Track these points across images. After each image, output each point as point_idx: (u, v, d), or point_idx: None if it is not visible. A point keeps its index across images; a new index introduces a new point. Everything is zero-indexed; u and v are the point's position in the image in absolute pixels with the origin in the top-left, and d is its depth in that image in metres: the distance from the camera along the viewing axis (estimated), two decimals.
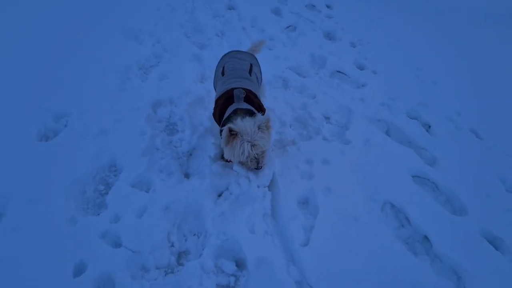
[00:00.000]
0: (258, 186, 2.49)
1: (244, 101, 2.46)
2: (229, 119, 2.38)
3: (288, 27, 4.88)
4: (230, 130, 2.26)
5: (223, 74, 2.71)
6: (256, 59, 2.93)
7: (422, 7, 5.93)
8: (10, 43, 3.67)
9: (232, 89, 2.45)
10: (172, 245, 2.13)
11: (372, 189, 2.55)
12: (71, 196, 2.30)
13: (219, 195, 2.47)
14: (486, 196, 2.62)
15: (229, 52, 2.91)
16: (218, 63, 2.91)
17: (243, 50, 2.97)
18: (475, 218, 2.43)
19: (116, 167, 2.57)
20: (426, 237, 2.30)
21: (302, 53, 4.22)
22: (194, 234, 2.21)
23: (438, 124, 3.32)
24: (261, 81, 2.92)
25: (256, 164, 2.47)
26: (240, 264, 2.09)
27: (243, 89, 2.47)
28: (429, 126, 3.30)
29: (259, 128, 2.29)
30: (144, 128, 2.86)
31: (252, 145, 2.28)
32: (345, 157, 2.80)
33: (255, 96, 2.54)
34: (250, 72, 2.71)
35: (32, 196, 2.22)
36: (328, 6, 5.67)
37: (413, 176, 2.76)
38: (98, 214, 2.21)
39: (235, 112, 2.42)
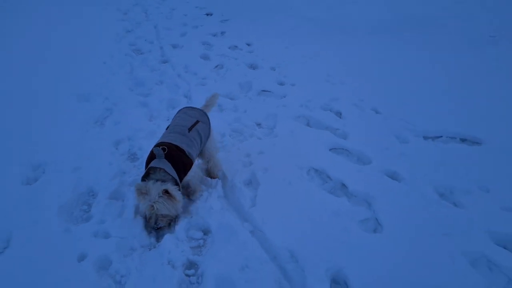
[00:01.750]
0: (211, 177, 3.14)
1: (165, 157, 2.63)
2: (146, 176, 2.63)
3: (216, 66, 5.69)
4: (138, 189, 2.52)
5: (167, 128, 3.00)
6: (207, 116, 3.10)
7: (328, 28, 6.95)
8: None
9: (157, 145, 2.70)
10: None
11: (298, 162, 3.26)
12: (61, 217, 2.85)
13: None
14: (386, 149, 3.41)
15: (183, 108, 3.16)
16: (176, 115, 3.15)
17: (196, 107, 3.17)
18: (378, 164, 3.20)
19: (93, 191, 3.14)
20: (343, 184, 3.02)
21: (231, 83, 5.00)
22: None
23: (347, 111, 4.14)
24: (209, 136, 3.07)
25: (153, 223, 2.62)
26: (206, 232, 2.70)
27: (169, 145, 2.68)
28: (341, 113, 4.10)
29: (164, 193, 2.49)
30: (110, 160, 3.46)
31: (151, 207, 2.50)
32: (275, 146, 3.52)
33: (179, 152, 2.70)
34: (191, 128, 2.88)
35: (31, 220, 2.76)
36: (248, 44, 6.57)
37: (330, 149, 3.51)
38: (87, 221, 2.78)
39: (148, 171, 2.64)
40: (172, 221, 2.73)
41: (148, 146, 3.38)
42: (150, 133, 3.87)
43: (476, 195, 2.78)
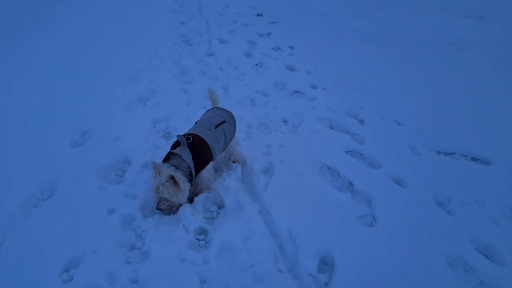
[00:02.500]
0: (234, 162, 3.50)
1: (189, 146, 2.81)
2: (166, 160, 2.82)
3: (256, 64, 6.04)
4: (154, 165, 2.73)
5: (196, 123, 3.22)
6: (233, 118, 3.27)
7: (368, 39, 7.17)
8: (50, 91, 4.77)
9: (180, 136, 2.86)
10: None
11: (314, 159, 3.56)
12: (99, 176, 3.29)
13: None
14: (397, 157, 3.64)
15: (212, 108, 3.36)
16: (205, 112, 3.35)
17: (225, 109, 3.34)
18: (386, 169, 3.44)
19: (128, 160, 3.56)
20: (351, 183, 3.29)
21: (267, 81, 5.33)
22: None
23: (369, 119, 4.37)
24: (232, 136, 3.25)
25: (156, 204, 2.80)
26: (220, 206, 3.06)
27: (194, 136, 2.89)
28: (363, 121, 4.35)
29: (170, 178, 2.66)
30: (147, 135, 3.88)
31: (157, 188, 2.68)
32: (295, 142, 3.83)
33: (203, 144, 2.88)
34: (218, 126, 3.06)
35: (73, 176, 3.21)
36: (290, 47, 6.89)
37: (346, 151, 3.77)
38: (119, 184, 3.20)
39: (169, 155, 2.84)
40: (173, 208, 2.89)
41: (182, 128, 3.78)
42: (186, 117, 4.26)
43: (471, 207, 2.99)
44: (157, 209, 2.83)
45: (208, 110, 3.36)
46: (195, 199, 3.04)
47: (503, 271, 2.43)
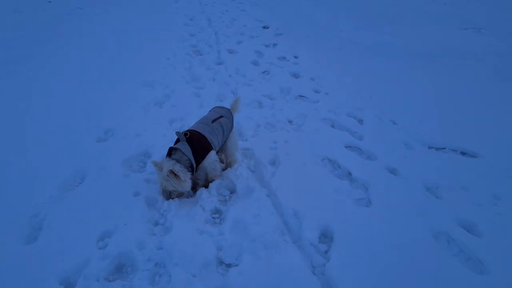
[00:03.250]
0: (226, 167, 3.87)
1: (187, 140, 3.09)
2: (169, 155, 3.11)
3: (263, 72, 6.47)
4: (156, 164, 3.01)
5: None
6: (231, 114, 3.57)
7: (370, 52, 7.60)
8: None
9: (178, 132, 3.15)
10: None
11: (316, 152, 3.94)
12: (123, 166, 3.68)
13: None
14: (392, 151, 4.01)
15: (214, 107, 3.71)
16: (209, 111, 3.68)
17: (225, 107, 3.69)
18: (382, 161, 3.81)
19: (148, 153, 3.95)
20: (349, 173, 3.66)
21: (273, 87, 5.74)
22: None
23: (368, 119, 4.76)
24: (231, 130, 3.55)
25: (167, 196, 3.19)
26: (232, 191, 3.44)
27: (192, 131, 3.18)
28: (362, 121, 4.73)
29: (170, 173, 2.93)
30: (165, 133, 4.28)
31: (161, 183, 3.00)
32: (299, 138, 4.21)
33: (201, 137, 3.17)
34: (214, 120, 3.35)
35: (100, 166, 3.61)
36: (295, 57, 7.32)
37: (345, 146, 4.15)
38: (141, 172, 3.60)
39: (170, 151, 3.12)
40: (184, 194, 3.24)
41: None
42: (199, 117, 4.56)
43: (456, 192, 3.35)
44: (170, 198, 3.19)
45: (212, 109, 3.70)
46: (210, 185, 3.41)
47: (480, 241, 2.79)
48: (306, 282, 2.46)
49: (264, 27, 9.59)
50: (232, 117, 3.63)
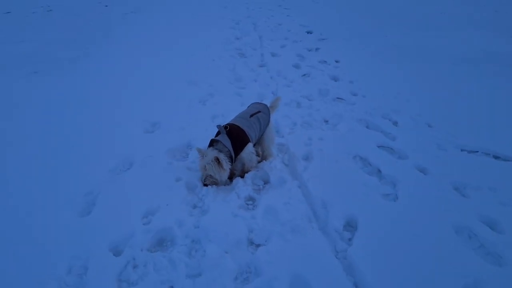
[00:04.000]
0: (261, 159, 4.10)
1: (227, 133, 3.39)
2: (210, 146, 3.42)
3: (304, 74, 6.68)
4: (199, 151, 3.36)
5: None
6: (268, 110, 3.84)
7: (411, 55, 7.64)
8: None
9: (219, 126, 3.46)
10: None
11: (348, 150, 4.11)
12: (168, 155, 4.02)
13: None
14: (424, 152, 4.11)
15: (254, 103, 3.98)
16: (248, 106, 3.97)
17: (263, 103, 3.98)
18: (413, 160, 3.93)
19: (190, 145, 4.26)
20: (379, 170, 3.80)
21: (312, 88, 5.95)
22: None
23: (403, 121, 4.86)
24: (268, 125, 3.81)
25: (202, 179, 3.48)
26: (266, 182, 3.68)
27: (231, 125, 3.47)
28: (397, 122, 4.84)
29: (215, 159, 3.25)
30: (206, 127, 4.57)
31: (204, 167, 3.30)
32: (334, 137, 4.39)
33: (240, 131, 3.45)
34: (252, 115, 3.63)
35: (147, 154, 3.96)
36: (336, 61, 7.48)
37: (378, 146, 4.29)
38: (184, 161, 3.91)
39: (212, 142, 3.43)
40: (216, 184, 3.48)
41: None
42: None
43: (483, 192, 3.42)
44: (204, 184, 3.46)
45: (251, 104, 3.96)
46: (246, 175, 3.67)
47: (501, 237, 2.87)
48: (328, 264, 2.66)
49: (308, 32, 9.81)
50: (269, 113, 3.87)
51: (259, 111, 3.71)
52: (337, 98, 5.67)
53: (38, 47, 8.13)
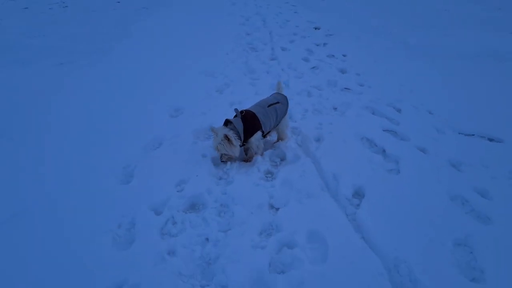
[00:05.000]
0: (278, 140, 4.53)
1: (242, 117, 3.71)
2: (224, 124, 3.73)
3: (313, 67, 7.10)
4: (212, 129, 3.66)
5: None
6: (286, 101, 4.18)
7: (417, 52, 8.04)
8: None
9: (236, 109, 3.78)
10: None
11: (356, 132, 4.53)
12: (193, 136, 4.46)
13: None
14: (424, 135, 4.53)
15: (274, 93, 4.30)
16: (270, 95, 4.27)
17: (283, 94, 4.27)
18: (414, 141, 4.34)
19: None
20: (384, 150, 4.22)
21: (321, 80, 6.37)
22: None
23: (406, 109, 5.28)
24: (284, 116, 4.15)
25: (220, 157, 3.79)
26: (282, 158, 4.12)
27: (248, 111, 3.79)
28: (400, 110, 5.26)
29: (225, 137, 3.55)
30: (226, 112, 4.98)
31: (216, 145, 3.61)
32: (342, 121, 4.82)
33: (254, 118, 3.76)
34: (270, 105, 3.92)
35: (174, 134, 4.41)
36: (343, 55, 7.89)
37: (383, 130, 4.71)
38: (208, 140, 4.36)
39: (226, 122, 3.73)
40: (232, 158, 3.85)
41: None
42: (255, 101, 5.34)
43: (477, 168, 3.84)
44: (222, 161, 3.83)
45: (272, 94, 4.29)
46: (264, 153, 4.11)
47: (490, 202, 3.30)
48: (340, 223, 3.09)
49: (315, 28, 10.21)
50: (288, 103, 4.26)
51: (278, 102, 4.02)
52: (345, 88, 6.09)
53: (60, 41, 8.59)
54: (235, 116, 3.81)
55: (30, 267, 2.63)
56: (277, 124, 4.12)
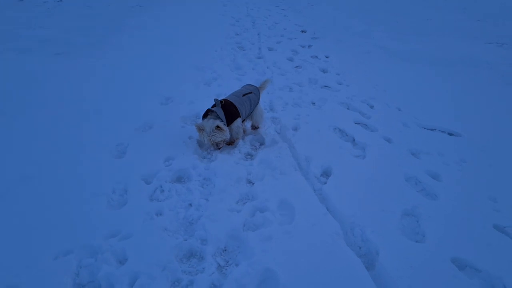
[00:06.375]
0: (254, 128, 4.99)
1: (222, 106, 3.97)
2: (205, 116, 3.98)
3: (296, 66, 7.58)
4: (198, 127, 3.85)
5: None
6: (258, 92, 4.48)
7: (394, 56, 8.58)
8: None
9: (216, 99, 4.01)
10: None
11: (330, 123, 4.99)
12: (181, 121, 4.88)
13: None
14: (391, 127, 5.00)
15: (246, 84, 4.61)
16: (242, 87, 4.58)
17: (253, 85, 4.56)
18: (381, 132, 4.81)
19: (199, 116, 5.07)
20: (354, 139, 4.69)
21: (303, 78, 6.84)
22: None
23: (378, 105, 5.77)
24: (257, 105, 4.45)
25: (216, 146, 4.07)
26: (261, 143, 4.55)
27: (226, 100, 4.07)
28: (373, 106, 5.75)
29: (216, 128, 3.79)
30: (212, 102, 5.46)
31: (209, 138, 3.86)
32: (318, 114, 5.27)
33: (232, 106, 4.05)
34: (244, 95, 4.22)
35: (164, 119, 4.83)
36: (326, 57, 8.39)
37: (355, 122, 5.19)
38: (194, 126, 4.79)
39: (207, 112, 4.00)
40: (225, 141, 4.14)
41: None
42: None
43: (433, 156, 4.31)
44: (218, 148, 4.15)
45: (244, 85, 4.61)
46: (245, 137, 4.54)
47: (440, 183, 3.78)
48: (307, 195, 3.52)
49: (302, 31, 10.72)
50: (259, 94, 4.52)
51: (250, 92, 4.33)
52: (324, 86, 6.57)
53: (57, 33, 8.95)
54: (214, 105, 4.09)
55: (34, 222, 3.03)
56: (251, 112, 4.43)
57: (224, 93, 5.73)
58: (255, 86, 4.59)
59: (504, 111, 5.70)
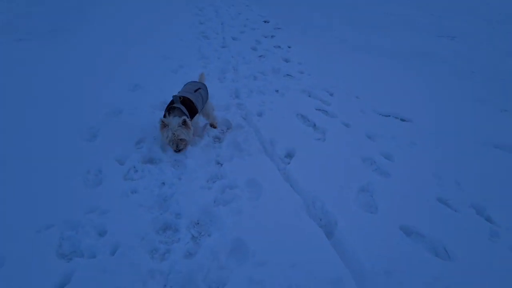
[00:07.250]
0: (212, 126, 5.24)
1: (181, 102, 3.88)
2: (168, 114, 3.84)
3: (260, 56, 7.83)
4: (163, 122, 3.73)
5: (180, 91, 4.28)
6: (205, 87, 4.46)
7: (354, 48, 8.99)
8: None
9: (175, 96, 3.92)
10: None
11: (292, 109, 5.29)
12: (151, 108, 5.04)
13: None
14: (349, 113, 5.36)
15: (191, 81, 4.57)
16: (184, 85, 4.49)
17: (198, 81, 4.60)
18: (340, 118, 5.16)
19: (167, 102, 5.31)
20: (315, 124, 5.00)
21: (267, 67, 7.09)
22: None
23: (338, 94, 6.11)
24: (207, 99, 4.44)
25: (175, 147, 3.88)
26: (228, 127, 4.78)
27: (183, 96, 3.97)
28: (333, 94, 6.10)
29: (182, 123, 3.71)
30: (179, 89, 5.64)
31: (173, 134, 3.71)
32: (282, 101, 5.56)
33: (190, 101, 3.99)
34: (196, 90, 4.18)
35: (133, 106, 4.98)
36: (289, 47, 8.67)
37: (316, 109, 5.52)
38: (162, 111, 4.97)
39: (170, 108, 3.89)
40: (187, 145, 4.03)
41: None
42: (206, 81, 6.03)
43: (386, 138, 4.70)
44: (178, 150, 3.95)
45: (188, 83, 4.57)
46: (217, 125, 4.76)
47: (392, 163, 4.16)
48: (272, 174, 3.82)
49: (265, 22, 10.95)
50: (207, 88, 4.53)
51: (199, 88, 4.32)
52: (287, 75, 6.86)
53: (16, 18, 8.78)
54: (172, 102, 4.03)
55: (13, 202, 3.16)
56: (202, 108, 4.42)
57: (191, 80, 5.89)
58: (201, 83, 4.60)
59: (451, 101, 6.19)
